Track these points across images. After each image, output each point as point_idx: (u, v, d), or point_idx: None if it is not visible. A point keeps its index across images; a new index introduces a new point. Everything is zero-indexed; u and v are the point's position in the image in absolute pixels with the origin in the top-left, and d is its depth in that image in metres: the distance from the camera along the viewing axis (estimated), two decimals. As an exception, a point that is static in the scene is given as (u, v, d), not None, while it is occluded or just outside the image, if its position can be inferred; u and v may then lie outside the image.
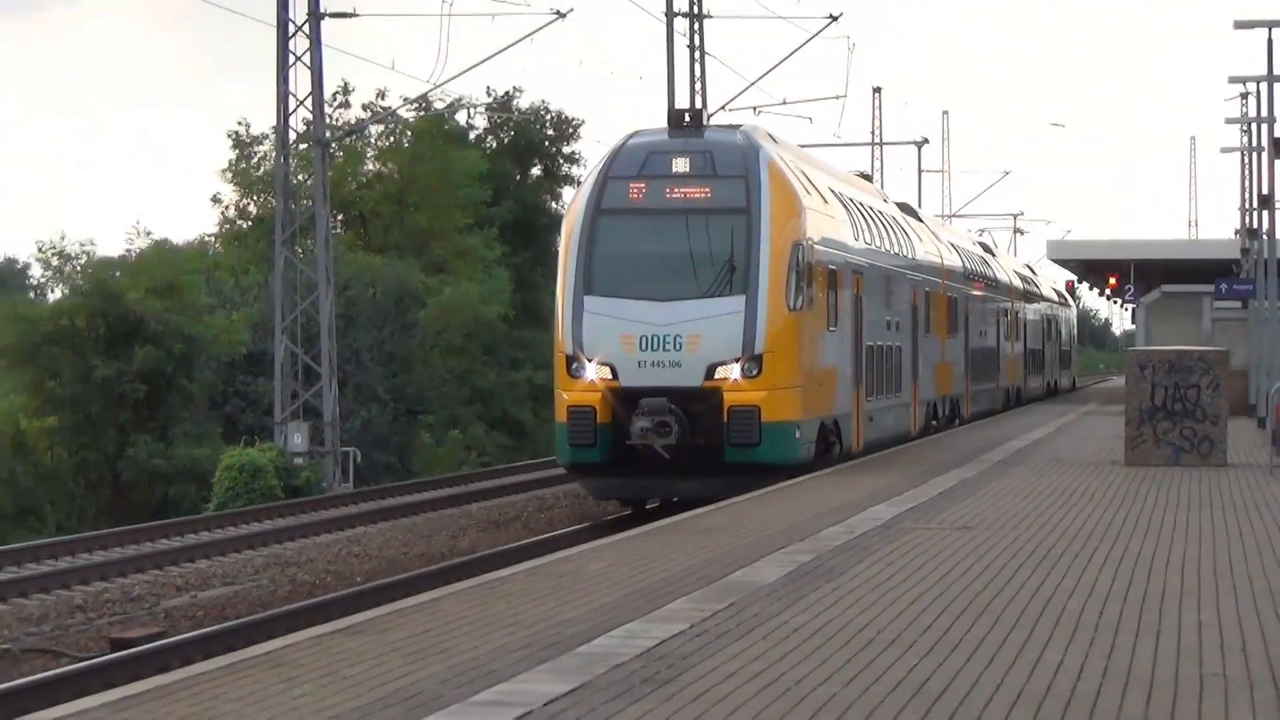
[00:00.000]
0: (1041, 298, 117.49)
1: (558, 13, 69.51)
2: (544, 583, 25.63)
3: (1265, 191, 70.89)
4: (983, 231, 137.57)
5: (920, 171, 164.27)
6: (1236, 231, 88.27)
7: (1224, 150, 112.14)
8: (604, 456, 46.10)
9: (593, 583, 25.57)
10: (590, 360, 46.33)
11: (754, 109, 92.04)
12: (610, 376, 45.87)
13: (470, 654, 19.09)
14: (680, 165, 49.11)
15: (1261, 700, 16.32)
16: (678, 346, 46.30)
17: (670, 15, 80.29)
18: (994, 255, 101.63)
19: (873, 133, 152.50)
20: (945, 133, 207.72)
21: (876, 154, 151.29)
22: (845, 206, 60.13)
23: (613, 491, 52.15)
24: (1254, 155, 79.11)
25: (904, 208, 78.41)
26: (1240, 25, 68.68)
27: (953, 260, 78.79)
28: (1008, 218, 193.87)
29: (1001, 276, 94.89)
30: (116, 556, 46.04)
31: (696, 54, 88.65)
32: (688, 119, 49.44)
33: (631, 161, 50.33)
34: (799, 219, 48.32)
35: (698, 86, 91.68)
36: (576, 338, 46.19)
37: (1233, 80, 78.89)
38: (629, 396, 46.78)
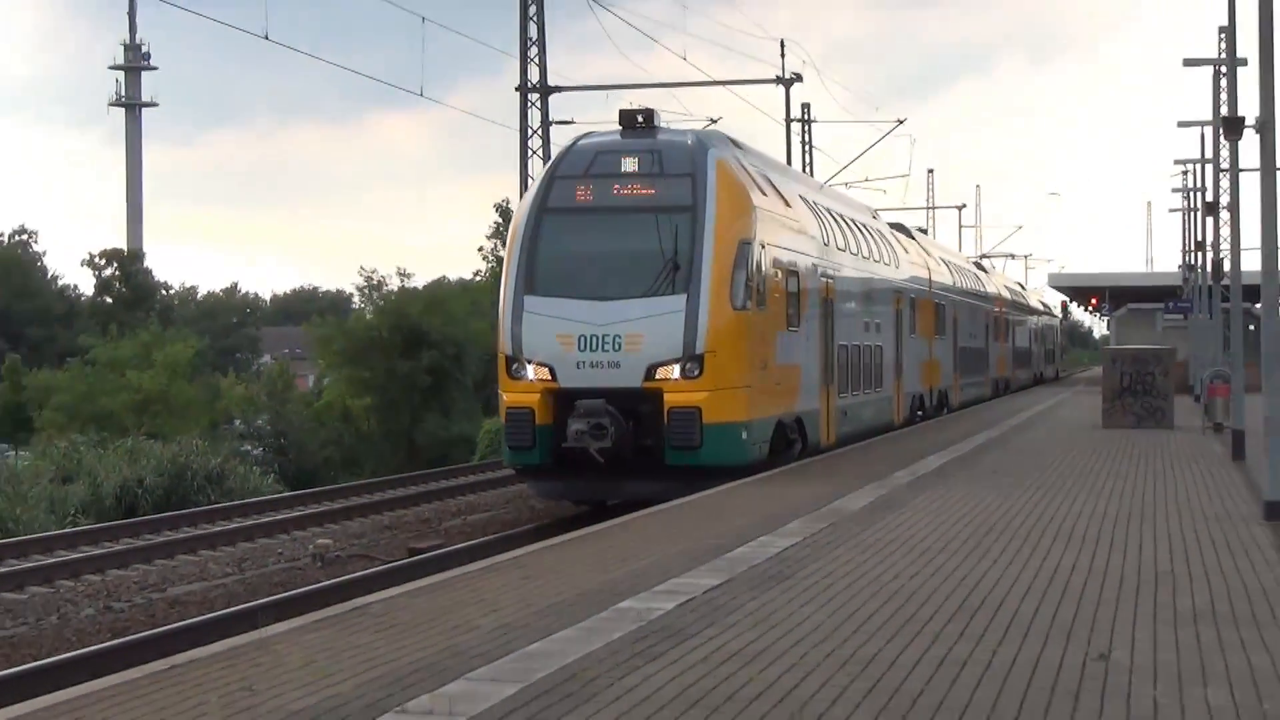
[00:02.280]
0: (1029, 308, 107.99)
1: (711, 119, 59.87)
2: (701, 510, 25.42)
3: (1199, 239, 70.52)
4: (984, 256, 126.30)
5: (960, 227, 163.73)
6: (1179, 266, 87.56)
7: (1170, 210, 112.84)
8: (544, 458, 33.83)
9: (734, 511, 25.33)
10: (530, 361, 34.01)
11: (845, 184, 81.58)
12: (549, 377, 33.66)
13: (653, 559, 19.35)
14: (628, 165, 35.70)
15: (1199, 589, 16.38)
16: (617, 347, 33.56)
17: (789, 121, 79.42)
18: (986, 273, 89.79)
19: (928, 200, 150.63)
20: (978, 199, 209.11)
21: (930, 216, 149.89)
22: (818, 215, 42.60)
23: (557, 493, 37.68)
24: (1190, 214, 78.92)
25: (897, 226, 61.43)
26: (1183, 124, 68.25)
27: (941, 273, 61.65)
28: (1021, 259, 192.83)
29: (991, 289, 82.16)
30: (413, 492, 46.00)
31: (807, 148, 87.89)
32: (640, 120, 36.27)
33: (580, 161, 36.67)
34: (749, 218, 34.58)
35: (808, 171, 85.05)
36: (516, 338, 34.03)
37: (1177, 162, 78.61)
38: (568, 398, 34.04)
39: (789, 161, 73.42)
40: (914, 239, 59.71)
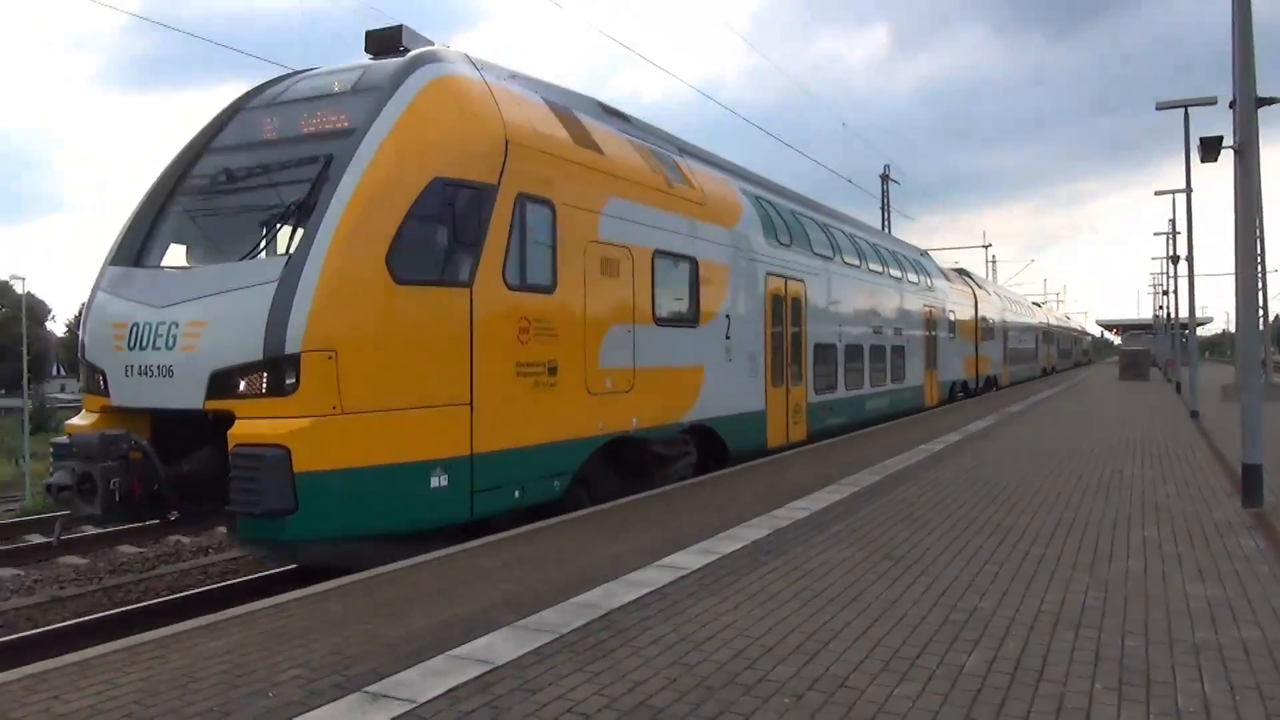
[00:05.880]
0: (1070, 329, 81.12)
1: (956, 262, 45.17)
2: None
3: (1161, 305, 63.98)
4: (1045, 302, 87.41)
5: (1057, 301, 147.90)
6: (1153, 316, 79.74)
7: (1148, 294, 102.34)
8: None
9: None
10: (92, 365, 6.75)
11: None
12: (102, 389, 6.64)
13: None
14: (323, 86, 7.50)
15: (1162, 446, 14.83)
16: (170, 343, 6.21)
17: (986, 263, 74.29)
18: (1039, 308, 61.21)
19: (1044, 285, 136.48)
20: (1063, 289, 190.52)
21: (1044, 291, 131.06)
22: (770, 216, 13.65)
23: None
24: (1158, 295, 72.00)
25: (960, 270, 34.37)
26: (1155, 258, 62.37)
27: (990, 302, 33.78)
28: (1082, 312, 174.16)
29: (1040, 318, 54.30)
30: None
31: (995, 272, 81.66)
32: (388, 40, 7.71)
33: (274, 91, 7.93)
34: (479, 156, 7.00)
35: (992, 276, 75.37)
36: (83, 327, 6.91)
37: (1152, 274, 71.90)
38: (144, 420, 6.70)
39: (987, 275, 57.01)
40: (969, 278, 34.08)
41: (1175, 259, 32.03)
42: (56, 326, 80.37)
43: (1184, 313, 37.58)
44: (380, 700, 4.31)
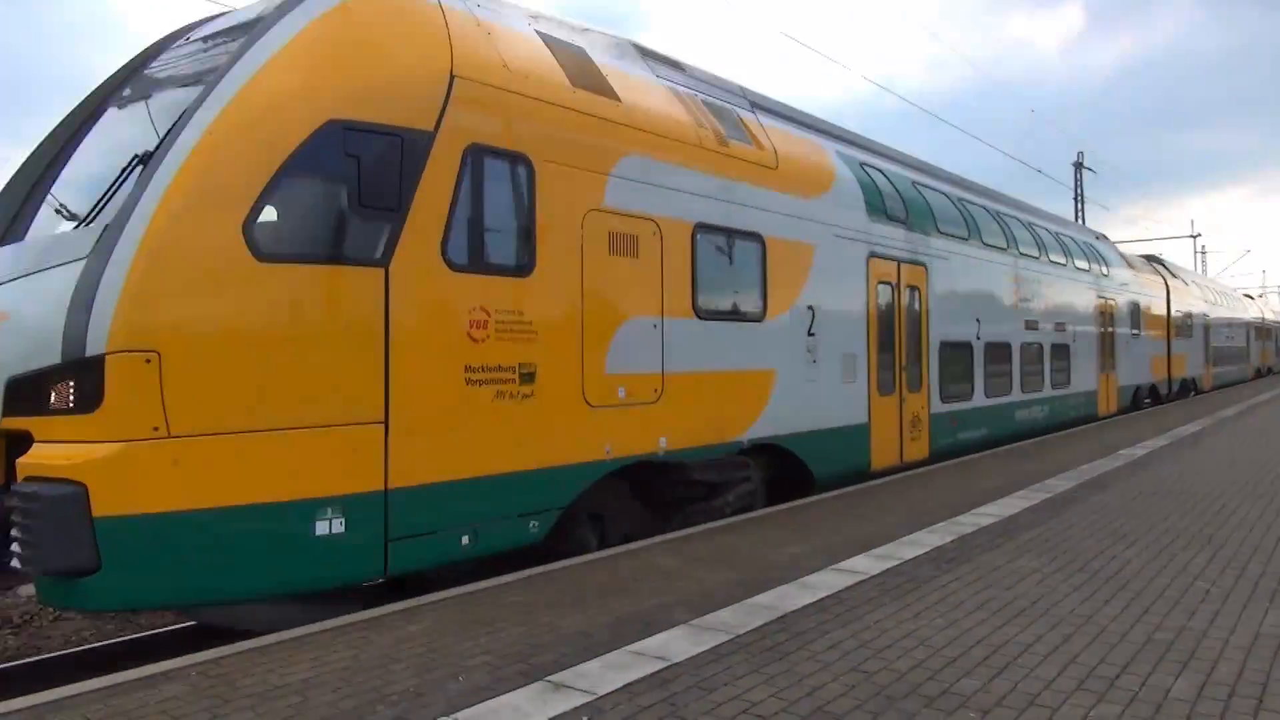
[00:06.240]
0: None
1: (1151, 254, 43.18)
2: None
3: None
4: (1261, 295, 70.38)
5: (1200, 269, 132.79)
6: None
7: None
8: None
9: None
10: None
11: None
12: None
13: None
14: (238, 17, 5.38)
15: None
16: None
17: (1194, 253, 68.59)
18: (1251, 301, 49.86)
19: (1195, 255, 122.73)
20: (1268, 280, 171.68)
21: (1265, 284, 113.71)
22: (895, 197, 11.09)
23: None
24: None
25: (1150, 259, 27.34)
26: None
27: (1187, 294, 28.08)
28: None
29: (1253, 313, 44.96)
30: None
31: (1203, 261, 74.40)
32: None
33: (198, 30, 5.72)
34: (401, 83, 4.72)
35: (1202, 270, 65.55)
36: None
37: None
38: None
39: (1195, 266, 50.81)
40: (1161, 266, 27.70)
41: None
42: None
43: None
44: (562, 690, 4.37)
